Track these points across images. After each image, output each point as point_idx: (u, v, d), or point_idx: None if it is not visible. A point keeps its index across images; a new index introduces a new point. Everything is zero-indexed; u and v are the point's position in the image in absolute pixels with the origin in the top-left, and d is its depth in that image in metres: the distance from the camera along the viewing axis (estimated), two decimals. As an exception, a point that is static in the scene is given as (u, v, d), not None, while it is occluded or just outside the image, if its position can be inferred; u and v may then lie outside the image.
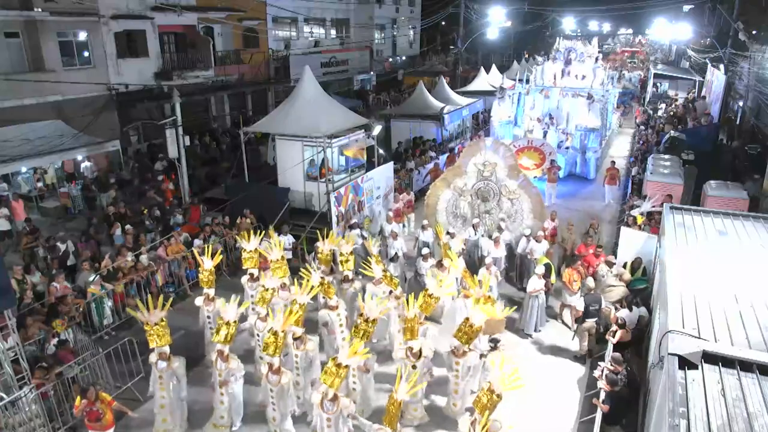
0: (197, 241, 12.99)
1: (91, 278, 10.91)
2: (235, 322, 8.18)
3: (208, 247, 10.20)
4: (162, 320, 7.97)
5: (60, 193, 16.94)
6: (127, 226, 13.34)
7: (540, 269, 10.69)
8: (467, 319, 8.22)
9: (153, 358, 7.98)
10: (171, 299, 8.55)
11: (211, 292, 9.56)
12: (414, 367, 7.92)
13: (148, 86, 20.22)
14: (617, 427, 7.95)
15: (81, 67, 18.76)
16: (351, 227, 13.24)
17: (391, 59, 40.74)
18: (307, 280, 9.19)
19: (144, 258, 12.09)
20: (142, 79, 19.96)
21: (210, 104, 25.52)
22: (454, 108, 23.57)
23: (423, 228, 13.20)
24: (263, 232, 11.21)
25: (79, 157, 17.46)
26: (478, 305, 8.46)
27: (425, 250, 11.79)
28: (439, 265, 10.84)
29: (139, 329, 10.94)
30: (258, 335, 9.05)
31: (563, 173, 20.12)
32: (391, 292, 9.75)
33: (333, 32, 34.75)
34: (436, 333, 10.37)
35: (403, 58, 42.72)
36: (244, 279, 10.44)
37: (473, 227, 13.02)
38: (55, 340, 9.12)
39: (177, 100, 15.36)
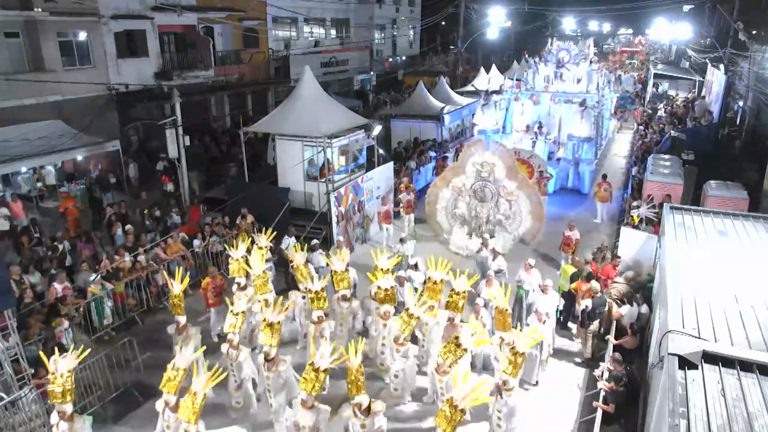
0: (197, 242, 13.01)
1: (91, 278, 10.91)
2: (243, 313, 8.30)
3: (178, 270, 9.32)
4: (69, 372, 6.64)
5: (60, 193, 16.95)
6: (128, 226, 13.36)
7: (531, 261, 10.41)
8: (456, 337, 7.61)
9: (54, 418, 6.64)
10: (90, 350, 7.55)
11: (182, 319, 8.76)
12: (363, 426, 6.76)
13: (148, 86, 20.22)
14: (615, 425, 7.95)
15: (81, 67, 18.76)
16: (312, 249, 11.93)
17: (391, 59, 40.74)
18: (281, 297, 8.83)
19: (143, 258, 12.09)
20: (142, 79, 19.97)
21: (210, 104, 25.52)
22: (454, 108, 23.59)
23: (402, 241, 12.42)
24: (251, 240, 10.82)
25: (27, 168, 16.89)
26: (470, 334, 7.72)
27: (400, 272, 10.80)
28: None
29: (139, 329, 11.06)
30: (231, 365, 8.20)
31: (555, 186, 18.51)
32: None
33: (333, 32, 34.76)
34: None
35: (403, 58, 42.72)
36: (234, 288, 10.01)
37: (482, 244, 12.28)
38: (66, 324, 9.27)
39: (177, 100, 15.37)
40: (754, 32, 25.43)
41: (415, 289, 10.93)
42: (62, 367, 6.59)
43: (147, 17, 20.50)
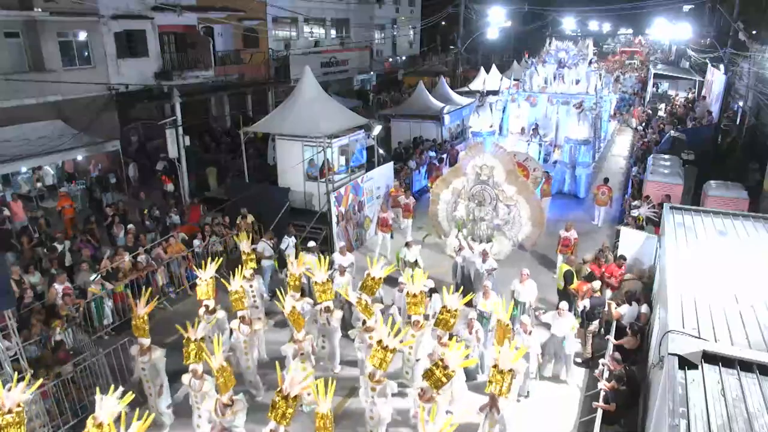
0: (196, 241, 13.01)
1: (91, 278, 10.91)
2: (202, 339, 7.77)
3: (145, 291, 8.77)
4: (19, 405, 5.84)
5: (59, 193, 16.96)
6: (130, 226, 13.37)
7: (564, 305, 9.52)
8: (441, 360, 6.97)
9: None
10: (39, 381, 7.10)
11: (146, 342, 8.28)
12: None
13: (148, 86, 20.22)
14: (616, 426, 7.95)
15: (81, 67, 18.75)
16: (307, 250, 11.67)
17: (391, 59, 40.74)
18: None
19: (142, 258, 12.09)
20: (142, 79, 19.96)
21: (210, 104, 25.51)
22: (454, 108, 23.60)
23: (407, 245, 12.01)
24: (221, 259, 10.41)
25: (27, 169, 16.84)
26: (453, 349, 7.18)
27: (401, 279, 10.23)
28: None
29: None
30: (196, 398, 7.73)
31: (551, 190, 17.50)
32: (364, 322, 8.90)
33: (333, 32, 34.76)
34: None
35: (403, 58, 42.72)
36: (201, 311, 9.49)
37: (460, 247, 12.07)
38: (58, 334, 9.16)
39: (177, 100, 15.38)
40: (754, 32, 25.45)
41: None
42: (10, 400, 5.70)
43: (147, 17, 20.49)
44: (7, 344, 7.90)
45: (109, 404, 5.93)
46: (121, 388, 6.25)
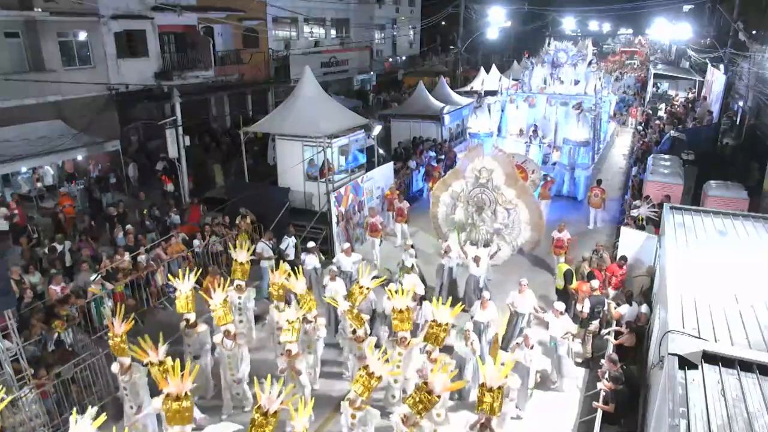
0: (196, 241, 13.00)
1: (91, 278, 10.91)
2: (165, 360, 7.32)
3: (120, 308, 8.26)
4: None
5: (60, 193, 16.95)
6: (128, 226, 13.36)
7: (560, 305, 9.31)
8: (424, 384, 6.56)
9: None
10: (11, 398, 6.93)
11: (126, 361, 7.81)
12: None
13: (148, 86, 20.20)
14: (616, 426, 7.95)
15: (81, 67, 18.74)
16: (307, 250, 11.64)
17: (391, 59, 40.75)
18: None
19: (143, 258, 12.08)
20: (142, 79, 19.95)
21: (210, 104, 25.50)
22: (454, 108, 23.60)
23: (405, 250, 11.95)
24: (201, 270, 10.08)
25: (27, 169, 16.77)
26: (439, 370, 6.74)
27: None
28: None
29: (139, 329, 10.97)
30: None
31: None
32: (354, 331, 8.67)
33: (333, 32, 34.76)
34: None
35: (403, 58, 42.73)
36: (182, 325, 9.08)
37: (446, 250, 11.93)
38: (55, 335, 9.14)
39: (177, 100, 15.36)
40: (754, 32, 25.46)
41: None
42: None
43: (147, 17, 20.48)
44: (7, 344, 7.90)
45: (82, 427, 5.74)
46: (96, 408, 6.07)
